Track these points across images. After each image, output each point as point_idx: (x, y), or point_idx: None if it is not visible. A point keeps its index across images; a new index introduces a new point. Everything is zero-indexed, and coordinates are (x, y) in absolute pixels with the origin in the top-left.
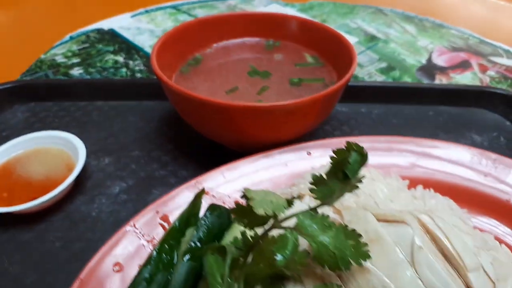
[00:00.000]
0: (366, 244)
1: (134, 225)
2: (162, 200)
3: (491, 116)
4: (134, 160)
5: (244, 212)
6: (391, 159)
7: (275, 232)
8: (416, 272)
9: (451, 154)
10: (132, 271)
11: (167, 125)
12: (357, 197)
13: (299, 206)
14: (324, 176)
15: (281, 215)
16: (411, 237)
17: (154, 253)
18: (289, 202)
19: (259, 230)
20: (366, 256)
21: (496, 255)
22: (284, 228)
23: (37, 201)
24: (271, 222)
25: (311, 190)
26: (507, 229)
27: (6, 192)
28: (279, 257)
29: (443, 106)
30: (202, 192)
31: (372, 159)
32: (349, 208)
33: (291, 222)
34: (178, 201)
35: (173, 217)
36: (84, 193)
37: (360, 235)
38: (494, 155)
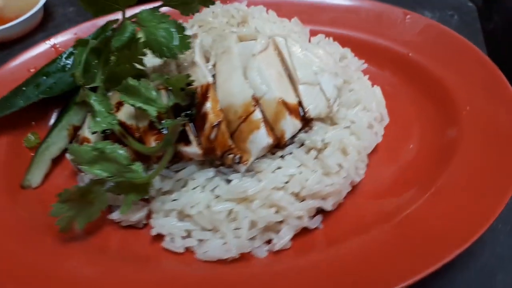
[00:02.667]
0: (189, 37)
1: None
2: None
3: None
4: None
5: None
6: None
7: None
8: (245, 75)
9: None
10: None
11: None
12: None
13: None
14: None
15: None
16: (252, 49)
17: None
18: None
19: None
20: (188, 47)
21: (356, 87)
22: (127, 18)
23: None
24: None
25: None
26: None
27: None
28: (115, 41)
29: None
30: None
31: None
32: (219, 29)
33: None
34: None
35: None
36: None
37: (183, 28)
38: (405, 11)
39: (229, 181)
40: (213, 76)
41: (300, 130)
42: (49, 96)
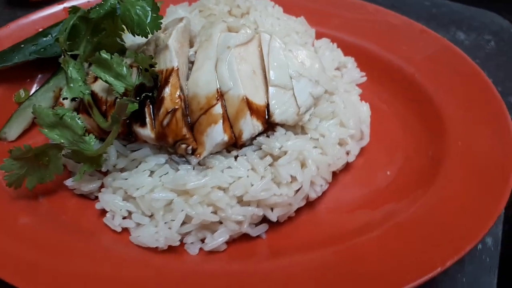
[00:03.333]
0: (161, 17)
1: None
2: None
3: (499, 21)
4: None
5: None
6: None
7: None
8: (215, 66)
9: (378, 18)
10: None
11: None
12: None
13: None
14: None
15: None
16: (230, 41)
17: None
18: None
19: None
20: (157, 28)
21: (337, 99)
22: None
23: None
24: None
25: None
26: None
27: None
28: (93, 12)
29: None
30: None
31: None
32: (218, 16)
33: None
34: None
35: None
36: None
37: (158, 9)
38: (423, 29)
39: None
40: (192, 62)
41: (261, 133)
42: (42, 57)
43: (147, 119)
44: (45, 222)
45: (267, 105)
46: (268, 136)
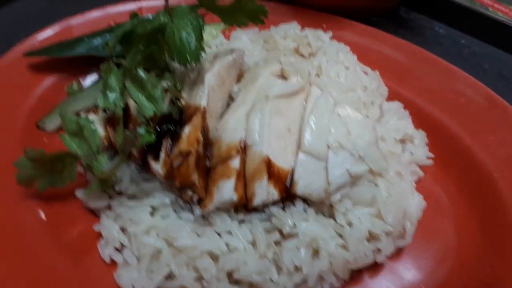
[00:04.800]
0: (202, 49)
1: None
2: None
3: None
4: None
5: None
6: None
7: None
8: (248, 115)
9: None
10: None
11: None
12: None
13: None
14: None
15: None
16: (273, 88)
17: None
18: None
19: None
20: (197, 59)
21: (382, 184)
22: (159, 13)
23: None
24: None
25: None
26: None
27: None
28: (140, 27)
29: None
30: None
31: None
32: (275, 52)
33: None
34: None
35: None
36: None
37: (202, 39)
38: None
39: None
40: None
41: (275, 202)
42: (98, 55)
43: (162, 154)
44: (41, 229)
45: (292, 172)
46: (283, 208)
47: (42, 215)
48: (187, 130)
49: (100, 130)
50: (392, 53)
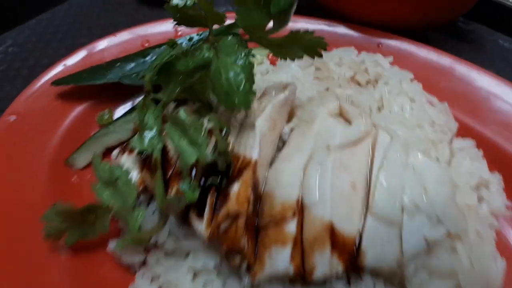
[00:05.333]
0: (254, 94)
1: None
2: None
3: None
4: None
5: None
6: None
7: None
8: (306, 168)
9: None
10: None
11: None
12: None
13: None
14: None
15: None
16: (334, 136)
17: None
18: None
19: None
20: (247, 106)
21: (462, 250)
22: (210, 40)
23: None
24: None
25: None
26: None
27: None
28: (181, 63)
29: None
30: None
31: None
32: (329, 81)
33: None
34: None
35: None
36: None
37: (253, 81)
38: None
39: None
40: (284, 142)
41: (339, 275)
42: (132, 84)
43: (206, 212)
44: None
45: (359, 239)
46: (349, 282)
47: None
48: (236, 187)
49: (135, 173)
50: (461, 80)
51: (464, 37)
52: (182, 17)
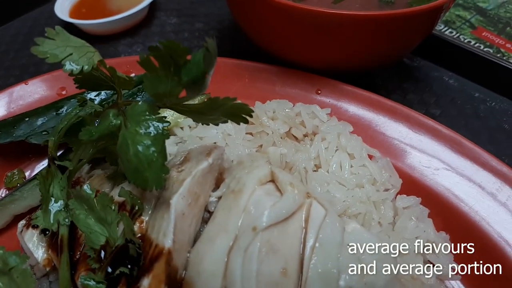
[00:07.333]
0: (167, 171)
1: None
2: None
3: None
4: None
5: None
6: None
7: None
8: (230, 254)
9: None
10: None
11: None
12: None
13: None
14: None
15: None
16: (263, 213)
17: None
18: None
19: None
20: (159, 186)
21: None
22: (118, 103)
23: (104, 19)
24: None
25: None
26: None
27: (85, 8)
28: (84, 131)
29: None
30: None
31: None
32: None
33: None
34: None
35: None
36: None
37: (165, 157)
38: None
39: None
40: (210, 213)
41: None
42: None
43: None
44: None
45: None
46: None
47: None
48: (146, 283)
49: (40, 253)
50: (402, 130)
51: (410, 75)
52: (85, 79)
